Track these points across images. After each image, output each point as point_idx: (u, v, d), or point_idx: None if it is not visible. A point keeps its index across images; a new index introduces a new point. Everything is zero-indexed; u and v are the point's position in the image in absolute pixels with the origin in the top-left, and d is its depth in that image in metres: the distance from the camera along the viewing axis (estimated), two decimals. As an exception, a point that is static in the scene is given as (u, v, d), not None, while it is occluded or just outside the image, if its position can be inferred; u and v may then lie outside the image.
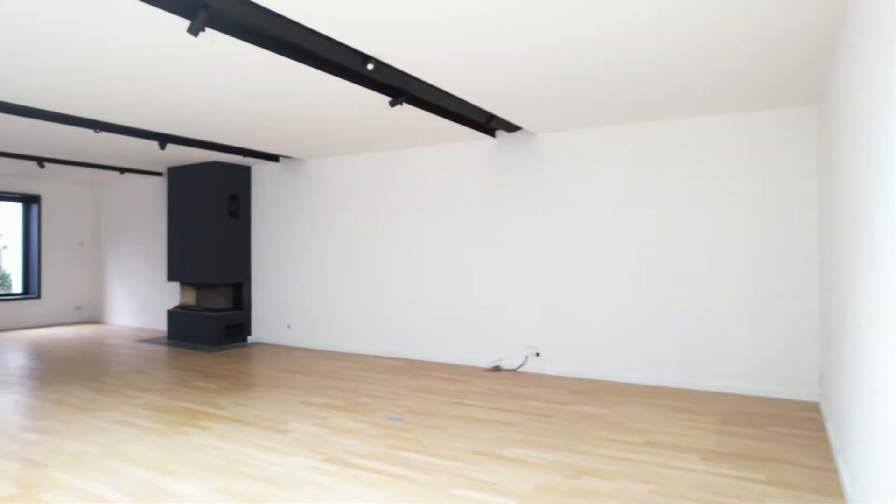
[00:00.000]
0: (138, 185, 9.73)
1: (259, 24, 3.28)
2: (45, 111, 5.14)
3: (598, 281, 5.64)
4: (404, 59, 3.75)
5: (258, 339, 8.11)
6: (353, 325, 7.20)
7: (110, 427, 4.13)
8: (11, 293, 10.38)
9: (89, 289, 10.62)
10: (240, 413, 4.47)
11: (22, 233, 10.09)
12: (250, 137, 6.27)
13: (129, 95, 4.57)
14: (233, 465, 3.38)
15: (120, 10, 2.99)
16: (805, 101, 4.67)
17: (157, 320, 9.34)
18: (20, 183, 9.71)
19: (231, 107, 4.94)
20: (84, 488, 3.08)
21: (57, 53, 3.62)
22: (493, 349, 6.20)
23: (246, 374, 6.00)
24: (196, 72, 4.01)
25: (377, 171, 7.06)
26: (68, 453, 3.60)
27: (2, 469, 3.35)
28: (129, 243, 9.99)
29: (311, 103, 4.84)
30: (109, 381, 5.63)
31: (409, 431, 4.00)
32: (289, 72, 3.98)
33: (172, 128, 5.77)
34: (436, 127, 5.71)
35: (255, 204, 8.19)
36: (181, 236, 8.15)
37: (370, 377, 5.74)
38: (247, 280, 8.14)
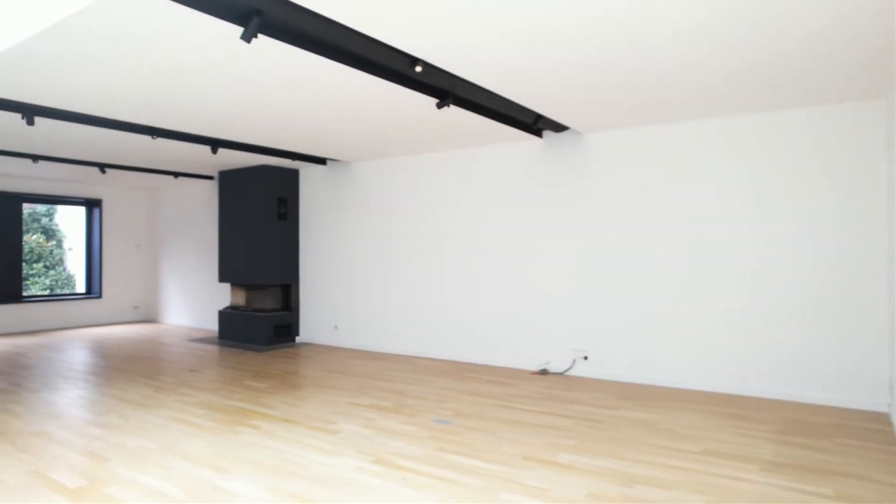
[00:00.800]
0: (191, 188, 10.04)
1: (310, 30, 3.32)
2: (106, 119, 5.35)
3: (647, 283, 5.50)
4: (453, 61, 3.74)
5: (306, 339, 8.24)
6: (399, 326, 7.24)
7: (167, 424, 4.26)
8: (75, 293, 10.86)
9: (145, 289, 11.02)
10: (289, 413, 4.54)
11: (85, 235, 10.56)
12: (298, 141, 6.38)
13: (184, 102, 4.70)
14: (283, 465, 3.43)
15: (176, 18, 3.07)
16: (873, 94, 4.44)
17: (208, 320, 9.61)
18: (84, 188, 10.17)
19: (281, 111, 5.03)
20: (144, 483, 3.17)
21: (116, 64, 3.76)
22: (539, 352, 6.13)
23: (294, 374, 6.10)
24: (248, 78, 4.10)
25: (422, 174, 7.08)
26: (129, 448, 3.73)
27: (70, 462, 3.49)
28: (182, 245, 10.32)
29: (359, 106, 4.89)
30: (165, 379, 5.82)
31: (456, 434, 3.98)
32: (338, 76, 4.02)
33: (224, 133, 5.92)
34: (482, 128, 5.69)
35: (303, 206, 8.33)
36: (232, 238, 8.36)
37: (416, 379, 5.75)
38: (295, 281, 8.29)
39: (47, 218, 12.12)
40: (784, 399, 4.81)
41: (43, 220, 12.06)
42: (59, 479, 3.22)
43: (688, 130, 5.32)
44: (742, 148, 5.07)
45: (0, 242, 9.25)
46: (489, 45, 3.43)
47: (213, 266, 9.48)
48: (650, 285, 5.49)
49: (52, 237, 12.22)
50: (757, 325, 4.97)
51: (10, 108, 4.83)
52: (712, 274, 5.18)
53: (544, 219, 6.12)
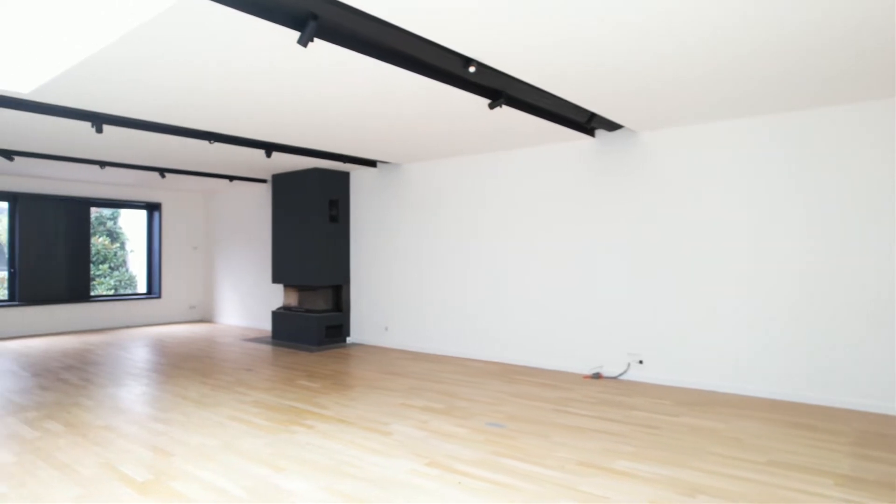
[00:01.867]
0: (245, 192, 10.30)
1: (364, 32, 3.34)
2: (166, 125, 5.53)
3: (704, 285, 5.32)
4: (507, 62, 3.70)
5: (356, 340, 8.33)
6: (449, 328, 7.23)
7: (225, 422, 4.36)
8: (137, 293, 11.31)
9: (201, 289, 11.37)
10: (342, 413, 4.58)
11: (146, 238, 10.98)
12: (350, 144, 6.45)
13: (240, 107, 4.81)
14: (337, 465, 3.46)
15: (235, 25, 3.14)
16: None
17: (262, 320, 9.83)
18: (145, 192, 10.57)
19: (333, 114, 5.09)
20: (205, 479, 3.25)
21: (178, 72, 3.87)
22: (592, 355, 6.01)
23: (346, 374, 6.17)
24: (303, 82, 4.16)
25: (473, 175, 7.06)
26: (190, 445, 3.83)
27: (137, 455, 3.61)
28: (236, 247, 10.60)
29: (411, 108, 4.90)
30: (222, 377, 5.97)
31: (510, 438, 3.93)
32: (391, 78, 4.04)
33: (278, 137, 6.05)
34: (533, 128, 5.62)
35: (354, 208, 8.43)
36: (284, 240, 8.53)
37: (467, 381, 5.73)
38: (346, 282, 8.39)
39: (112, 221, 12.68)
40: (857, 409, 4.56)
41: (108, 224, 12.62)
42: (128, 472, 3.33)
43: (746, 127, 5.12)
44: (804, 147, 4.84)
45: (70, 245, 9.72)
46: (545, 45, 3.38)
47: (266, 267, 9.70)
48: (707, 287, 5.30)
49: (116, 239, 12.78)
50: (825, 328, 4.73)
51: (81, 117, 5.05)
52: (773, 275, 4.96)
53: (597, 219, 6.00)
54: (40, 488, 3.14)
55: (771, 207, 5.00)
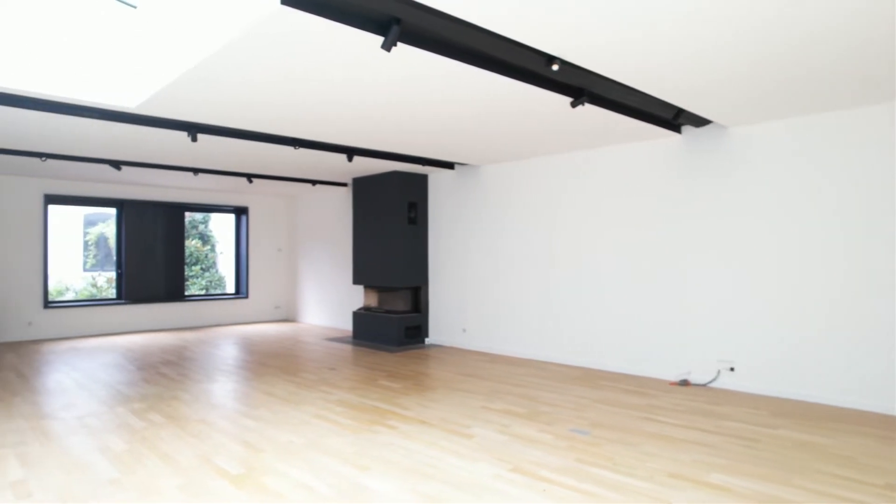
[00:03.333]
0: (327, 195, 10.61)
1: (446, 34, 3.33)
2: (254, 132, 5.78)
3: (801, 288, 4.96)
4: (591, 58, 3.60)
5: (435, 341, 8.38)
6: (528, 330, 7.14)
7: (310, 420, 4.48)
8: (226, 293, 11.90)
9: (285, 290, 11.81)
10: (424, 414, 4.61)
11: (234, 240, 11.54)
12: (428, 146, 6.50)
13: (323, 113, 4.95)
14: (421, 467, 3.47)
15: (319, 33, 3.21)
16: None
17: (342, 320, 10.09)
18: (233, 197, 11.11)
19: (413, 118, 5.14)
20: (293, 476, 3.34)
21: (265, 81, 4.02)
22: (679, 361, 5.75)
23: (426, 375, 6.21)
24: (384, 86, 4.21)
25: (552, 175, 6.94)
26: (279, 442, 3.96)
27: (230, 450, 3.77)
28: (318, 249, 10.93)
29: (491, 109, 4.87)
30: (307, 376, 6.16)
31: (596, 446, 3.81)
32: (471, 79, 4.02)
33: (359, 141, 6.17)
34: (616, 126, 5.45)
35: (432, 210, 8.49)
36: (365, 242, 8.71)
37: (548, 385, 5.62)
38: (424, 284, 8.46)
39: (203, 225, 13.43)
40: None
41: (200, 227, 13.37)
42: (223, 465, 3.49)
43: (849, 120, 4.73)
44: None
45: (167, 247, 10.36)
46: (632, 39, 3.26)
47: (347, 269, 9.94)
48: (805, 290, 4.94)
49: (207, 242, 13.51)
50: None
51: (179, 128, 5.35)
52: (883, 277, 4.55)
53: (685, 218, 5.74)
54: (147, 476, 3.33)
55: (878, 206, 4.59)
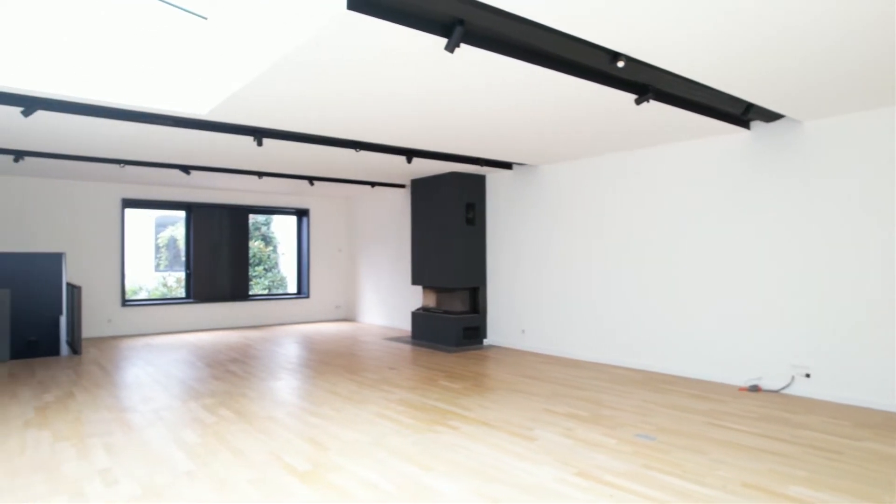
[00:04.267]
0: (385, 197, 10.75)
1: (509, 34, 3.31)
2: (316, 136, 5.91)
3: (887, 289, 4.66)
4: (657, 53, 3.51)
5: (493, 342, 8.36)
6: (589, 332, 7.01)
7: (373, 419, 4.55)
8: (287, 293, 12.23)
9: (345, 290, 12.04)
10: (485, 416, 4.60)
11: (296, 241, 11.86)
12: (487, 147, 6.48)
13: (384, 116, 5.01)
14: (484, 468, 3.46)
15: (382, 37, 3.25)
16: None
17: (401, 320, 10.19)
18: (295, 199, 11.42)
19: (473, 118, 5.14)
20: (359, 474, 3.40)
21: (327, 86, 4.10)
22: (748, 365, 5.52)
23: (486, 376, 6.20)
24: (445, 87, 4.23)
25: (612, 174, 6.80)
26: (343, 439, 4.04)
27: (297, 447, 3.87)
28: (377, 250, 11.09)
29: (552, 108, 4.82)
30: (368, 375, 6.25)
31: (663, 452, 3.70)
32: (533, 78, 3.99)
33: (418, 143, 6.22)
34: (681, 122, 5.29)
35: (490, 211, 8.47)
36: (423, 243, 8.78)
37: (610, 388, 5.51)
38: (482, 284, 8.45)
39: (265, 226, 13.84)
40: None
41: (262, 229, 13.78)
42: (291, 462, 3.58)
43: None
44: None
45: (232, 249, 10.74)
46: (700, 33, 3.15)
47: (405, 269, 10.04)
48: (888, 292, 4.64)
49: (269, 243, 13.92)
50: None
51: (245, 133, 5.54)
52: None
53: (754, 216, 5.51)
54: (220, 469, 3.46)
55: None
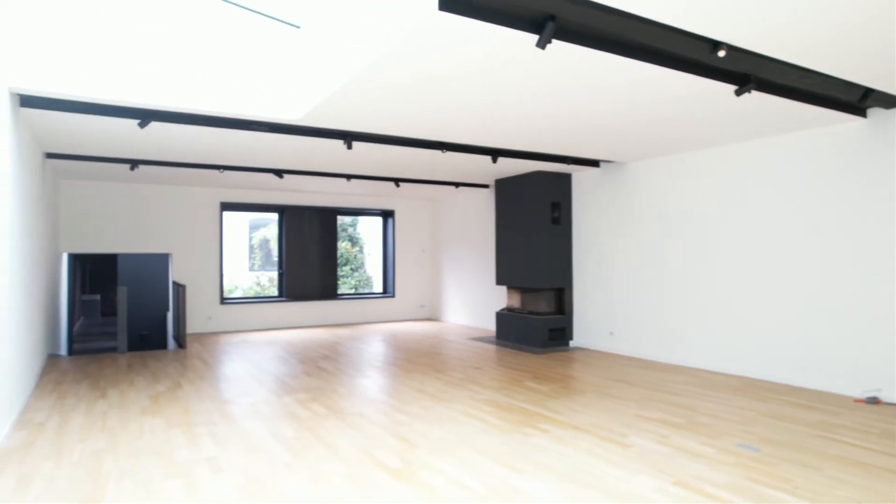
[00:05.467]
0: (468, 197, 10.78)
1: (602, 27, 3.21)
2: (404, 138, 6.00)
3: None
4: (762, 40, 3.29)
5: (579, 343, 8.18)
6: (682, 335, 6.71)
7: (460, 418, 4.56)
8: (373, 292, 12.53)
9: (429, 290, 12.17)
10: (575, 419, 4.49)
11: (381, 242, 12.13)
12: (573, 145, 6.35)
13: (471, 116, 5.01)
14: (576, 473, 3.38)
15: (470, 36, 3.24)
16: None
17: (485, 320, 10.18)
18: (380, 200, 11.67)
19: (560, 116, 5.04)
20: (447, 472, 3.41)
21: (415, 88, 4.15)
22: (865, 375, 5.07)
23: (573, 378, 6.07)
24: (533, 85, 4.17)
25: (707, 170, 6.46)
26: (432, 438, 4.07)
27: (387, 443, 3.94)
28: (460, 250, 11.14)
29: (646, 102, 4.65)
30: (453, 374, 6.28)
31: (769, 465, 3.47)
32: (627, 72, 3.87)
33: (504, 142, 6.19)
34: (786, 112, 4.95)
35: (576, 210, 8.30)
36: (507, 243, 8.73)
37: (706, 394, 5.24)
38: (568, 285, 8.29)
39: (352, 227, 14.26)
40: None
41: (349, 230, 14.22)
42: (382, 459, 3.65)
43: None
44: None
45: (322, 249, 11.13)
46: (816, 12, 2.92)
47: (489, 269, 10.02)
48: None
49: (356, 244, 14.33)
50: None
51: (335, 137, 5.72)
52: None
53: (870, 211, 5.06)
54: (316, 463, 3.58)
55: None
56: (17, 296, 4.69)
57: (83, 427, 4.34)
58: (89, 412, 4.76)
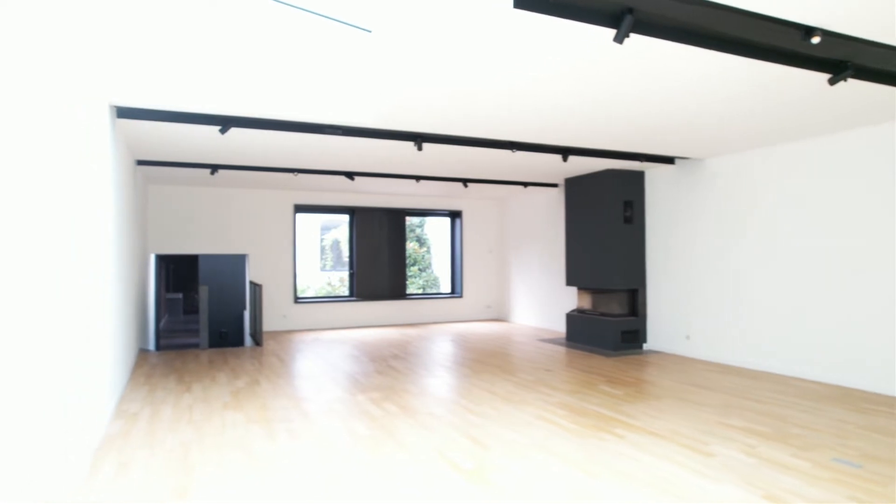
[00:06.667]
0: (537, 196, 10.65)
1: (683, 18, 3.08)
2: (473, 138, 5.98)
3: None
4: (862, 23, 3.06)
5: (653, 347, 7.91)
6: (768, 340, 6.36)
7: (533, 421, 4.49)
8: (441, 293, 12.59)
9: (496, 290, 12.11)
10: (653, 425, 4.34)
11: (449, 242, 12.18)
12: (648, 141, 6.14)
13: (543, 114, 4.94)
14: (657, 481, 3.25)
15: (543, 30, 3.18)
16: None
17: (554, 321, 10.03)
18: (448, 201, 11.72)
19: (634, 112, 4.89)
20: (524, 476, 3.36)
21: (484, 89, 4.12)
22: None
23: (649, 383, 5.87)
24: (613, 81, 4.06)
25: (792, 165, 6.10)
26: (504, 440, 4.02)
27: (459, 444, 3.93)
28: (528, 250, 11.02)
29: (731, 96, 4.44)
30: (524, 376, 6.21)
31: (873, 483, 3.22)
32: (712, 65, 3.71)
33: (574, 140, 6.06)
34: (884, 101, 4.59)
35: (649, 209, 8.03)
36: (578, 243, 8.56)
37: (796, 404, 4.94)
38: (642, 286, 8.04)
39: (419, 228, 14.39)
40: None
41: (416, 231, 14.35)
42: (455, 459, 3.64)
43: None
44: None
45: (391, 250, 11.30)
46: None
47: (558, 270, 9.87)
48: None
49: (423, 244, 14.45)
50: None
51: (406, 138, 5.77)
52: None
53: None
54: (389, 461, 3.61)
55: None
56: (116, 295, 5.01)
57: (172, 419, 4.58)
58: (177, 405, 5.01)
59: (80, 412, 3.47)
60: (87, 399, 3.66)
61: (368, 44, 3.47)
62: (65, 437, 3.12)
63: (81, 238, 3.55)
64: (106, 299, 4.41)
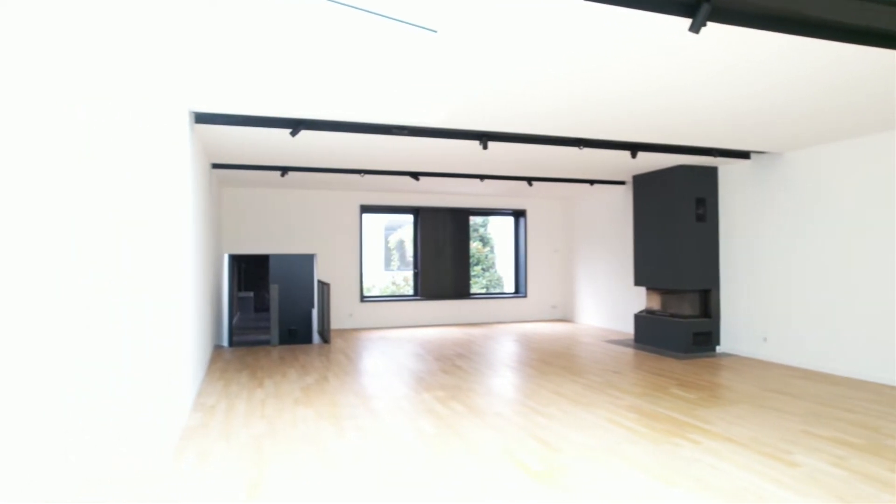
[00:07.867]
0: (603, 195, 10.41)
1: (766, 3, 2.92)
2: (539, 136, 5.90)
3: None
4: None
5: (727, 349, 7.57)
6: (858, 345, 5.95)
7: (603, 424, 4.38)
8: (505, 292, 12.52)
9: (561, 290, 11.93)
10: (730, 431, 4.14)
11: (513, 242, 12.09)
12: (722, 135, 5.88)
13: (612, 109, 4.81)
14: (737, 491, 3.10)
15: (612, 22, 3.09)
16: None
17: (621, 322, 9.78)
18: (512, 200, 11.64)
19: (708, 104, 4.68)
20: (596, 481, 3.27)
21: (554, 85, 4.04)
22: None
23: (724, 387, 5.62)
24: (688, 72, 3.91)
25: (878, 157, 5.68)
26: (574, 442, 3.94)
27: (528, 445, 3.88)
28: (594, 249, 10.79)
29: (816, 84, 4.18)
30: (591, 378, 6.07)
31: (982, 500, 2.96)
32: (796, 51, 3.50)
33: (644, 136, 5.88)
34: None
35: (723, 206, 7.69)
36: (647, 242, 8.30)
37: (892, 413, 4.60)
38: (715, 286, 7.71)
39: (483, 228, 14.36)
40: None
41: (480, 230, 14.32)
42: (524, 460, 3.59)
43: None
44: None
45: (455, 249, 11.33)
46: None
47: (625, 269, 9.61)
48: None
49: (487, 244, 14.41)
50: None
51: (471, 137, 5.76)
52: None
53: None
54: (458, 461, 3.61)
55: None
56: (197, 294, 5.24)
57: (246, 413, 4.74)
58: (250, 399, 5.20)
59: (167, 404, 3.65)
60: (173, 392, 3.86)
61: (435, 44, 3.47)
62: (154, 427, 3.29)
63: (170, 241, 3.74)
64: (187, 298, 4.63)
